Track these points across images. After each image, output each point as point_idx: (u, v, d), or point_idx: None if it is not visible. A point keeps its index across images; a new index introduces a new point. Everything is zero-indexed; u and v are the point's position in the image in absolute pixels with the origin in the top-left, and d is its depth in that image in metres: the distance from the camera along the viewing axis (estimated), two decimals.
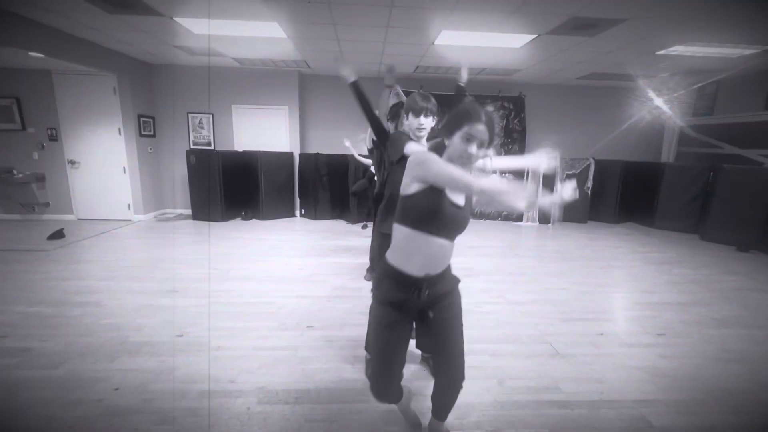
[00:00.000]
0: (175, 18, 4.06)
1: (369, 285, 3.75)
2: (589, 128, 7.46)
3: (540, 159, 1.69)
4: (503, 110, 6.89)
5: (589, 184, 6.84)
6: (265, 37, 4.63)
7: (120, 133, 5.99)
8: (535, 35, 4.26)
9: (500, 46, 4.73)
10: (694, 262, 4.67)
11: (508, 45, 4.68)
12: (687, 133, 7.03)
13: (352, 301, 3.26)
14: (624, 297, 3.52)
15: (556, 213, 6.73)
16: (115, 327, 2.69)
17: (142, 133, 6.21)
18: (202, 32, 4.50)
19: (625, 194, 6.96)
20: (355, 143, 5.11)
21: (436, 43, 4.66)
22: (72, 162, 6.03)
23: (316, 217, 6.65)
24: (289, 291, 3.43)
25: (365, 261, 4.20)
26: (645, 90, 7.04)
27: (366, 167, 5.24)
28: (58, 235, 5.00)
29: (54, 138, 5.93)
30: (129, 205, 6.24)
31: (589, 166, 6.80)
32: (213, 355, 2.39)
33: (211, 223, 6.22)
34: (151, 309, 3.00)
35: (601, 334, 2.77)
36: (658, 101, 7.09)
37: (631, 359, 2.46)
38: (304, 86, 6.91)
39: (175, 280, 3.63)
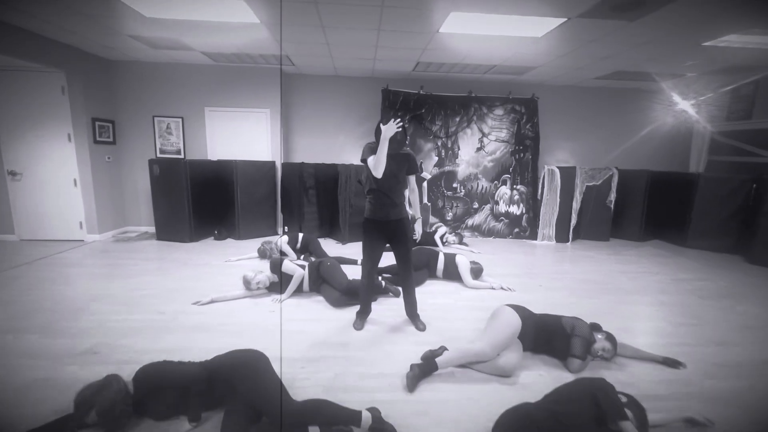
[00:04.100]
0: None
1: (358, 338, 2.81)
2: (609, 134, 6.69)
3: None
4: (514, 114, 6.10)
5: (612, 197, 6.04)
6: (234, 22, 3.81)
7: (70, 140, 5.12)
8: (564, 19, 3.47)
9: (518, 35, 3.94)
10: (758, 295, 3.83)
11: (527, 33, 3.90)
12: (719, 139, 6.28)
13: (336, 365, 2.38)
14: (700, 353, 2.66)
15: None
16: None
17: (97, 139, 5.34)
18: (154, 16, 3.66)
19: (651, 209, 6.16)
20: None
21: (441, 30, 3.86)
22: (12, 173, 5.12)
23: None
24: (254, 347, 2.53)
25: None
26: (672, 91, 6.31)
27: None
28: None
29: None
30: (81, 223, 5.34)
31: (611, 176, 6.00)
32: None
33: (178, 243, 5.33)
34: (48, 387, 2.11)
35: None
36: (686, 104, 6.35)
37: None
38: (287, 87, 6.10)
39: (101, 332, 2.73)
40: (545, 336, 2.54)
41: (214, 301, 3.30)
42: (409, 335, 2.83)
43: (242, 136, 5.93)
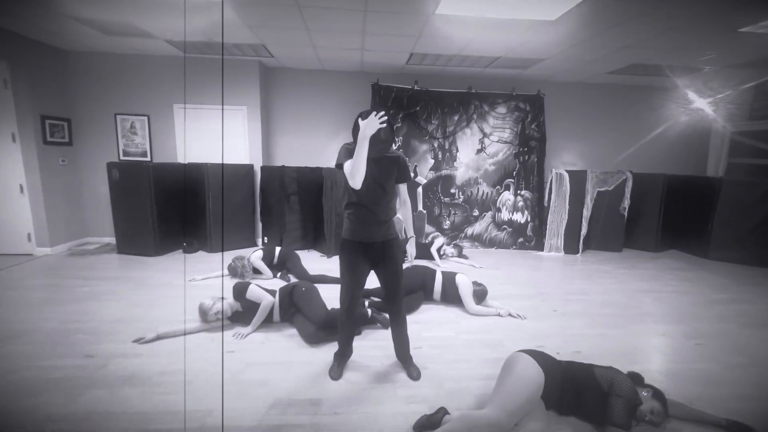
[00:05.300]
0: None
1: (334, 392, 2.07)
2: (619, 135, 6.15)
3: None
4: (518, 112, 5.54)
5: (626, 203, 5.49)
6: (191, 0, 3.21)
7: (14, 140, 4.49)
8: None
9: (528, 18, 3.38)
10: None
11: (538, 16, 3.34)
12: (740, 140, 5.76)
13: None
14: None
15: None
16: None
17: (48, 139, 4.70)
18: None
19: (668, 216, 5.62)
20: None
21: (437, 11, 3.29)
22: None
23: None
24: (195, 410, 1.94)
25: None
26: (688, 88, 5.78)
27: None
28: None
29: None
30: (29, 235, 4.70)
31: (625, 181, 5.46)
32: None
33: (142, 258, 4.70)
34: None
35: None
36: (703, 102, 5.83)
37: None
38: (267, 81, 5.50)
39: (2, 387, 2.11)
40: (574, 392, 1.96)
41: (160, 337, 2.69)
42: (398, 387, 2.24)
43: (217, 136, 5.32)
